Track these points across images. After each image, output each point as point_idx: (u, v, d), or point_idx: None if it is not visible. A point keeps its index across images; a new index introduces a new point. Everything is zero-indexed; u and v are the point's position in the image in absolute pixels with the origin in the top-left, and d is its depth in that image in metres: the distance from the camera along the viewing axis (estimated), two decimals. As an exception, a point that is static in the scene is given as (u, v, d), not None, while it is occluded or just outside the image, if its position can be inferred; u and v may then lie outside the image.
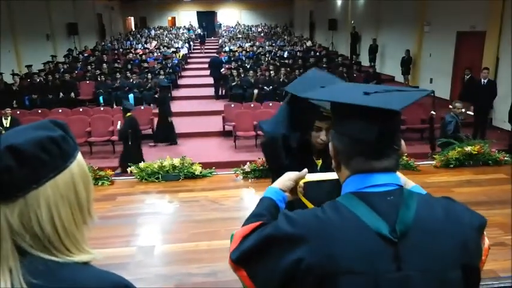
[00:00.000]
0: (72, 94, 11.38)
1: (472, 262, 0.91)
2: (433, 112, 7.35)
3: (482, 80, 8.57)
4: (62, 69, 13.40)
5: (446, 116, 6.89)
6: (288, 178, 1.23)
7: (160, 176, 5.30)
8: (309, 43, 21.08)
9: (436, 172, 4.65)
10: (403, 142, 0.98)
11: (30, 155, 0.76)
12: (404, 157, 5.33)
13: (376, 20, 16.23)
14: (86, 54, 17.23)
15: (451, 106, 7.07)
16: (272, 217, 1.06)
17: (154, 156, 6.14)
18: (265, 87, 11.38)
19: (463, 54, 11.15)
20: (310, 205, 1.24)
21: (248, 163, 5.72)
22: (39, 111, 9.46)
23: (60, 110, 9.40)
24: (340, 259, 0.85)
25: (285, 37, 24.20)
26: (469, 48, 10.83)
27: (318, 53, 17.22)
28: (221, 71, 13.30)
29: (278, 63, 13.98)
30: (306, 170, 1.27)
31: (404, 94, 0.98)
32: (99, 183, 5.37)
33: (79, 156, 0.86)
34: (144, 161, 5.44)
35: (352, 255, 0.85)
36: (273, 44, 20.68)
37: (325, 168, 1.86)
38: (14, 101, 10.58)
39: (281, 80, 11.68)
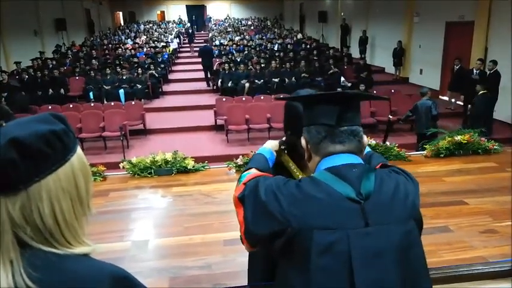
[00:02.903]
0: (62, 90, 11.26)
1: (418, 215, 1.12)
2: (390, 116, 7.98)
3: (475, 71, 8.63)
4: (51, 65, 13.23)
5: (425, 102, 7.01)
6: (276, 143, 1.56)
7: (153, 170, 5.29)
8: (299, 36, 21.04)
9: (426, 162, 4.70)
10: (365, 136, 1.17)
11: (33, 148, 0.76)
12: (395, 148, 5.38)
13: (366, 11, 16.25)
14: (74, 50, 17.02)
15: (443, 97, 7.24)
16: (265, 170, 1.36)
17: (147, 151, 6.12)
18: (256, 81, 11.36)
19: (452, 44, 11.22)
20: (290, 163, 1.53)
21: (241, 156, 5.73)
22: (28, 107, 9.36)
23: (49, 107, 9.29)
24: (316, 217, 1.02)
25: (275, 30, 24.12)
26: (458, 38, 10.91)
27: (308, 46, 17.21)
28: (212, 66, 13.33)
29: (268, 56, 13.96)
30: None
31: (362, 94, 1.37)
32: (92, 179, 5.35)
33: (78, 149, 0.86)
34: None
35: (326, 215, 1.02)
36: (263, 37, 20.62)
37: None
38: (3, 98, 10.45)
39: (272, 72, 11.68)
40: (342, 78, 11.54)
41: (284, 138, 1.57)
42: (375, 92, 9.92)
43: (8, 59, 14.47)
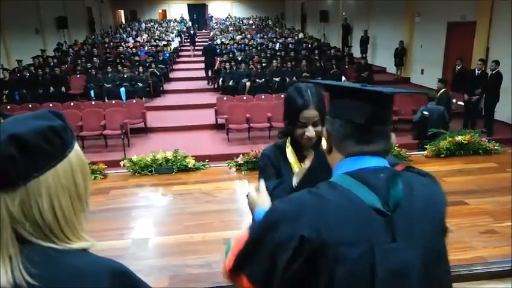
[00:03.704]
0: (63, 88, 11.26)
1: (446, 232, 1.02)
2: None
3: (476, 71, 8.62)
4: (52, 63, 13.23)
5: (437, 108, 6.80)
6: (264, 195, 1.42)
7: (153, 169, 5.30)
8: (300, 35, 21.03)
9: (427, 162, 4.70)
10: (393, 134, 1.04)
11: (33, 144, 0.77)
12: (395, 147, 5.38)
13: (367, 11, 16.23)
14: (76, 48, 17.02)
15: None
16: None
17: (147, 150, 6.12)
18: (257, 80, 11.36)
19: (454, 44, 11.21)
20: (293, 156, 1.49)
21: (241, 155, 5.72)
22: (30, 105, 9.37)
23: (51, 105, 9.29)
24: (337, 231, 0.88)
25: (277, 29, 24.10)
26: (459, 38, 10.90)
27: (309, 45, 17.19)
28: (215, 64, 13.37)
29: (269, 56, 13.96)
30: (261, 181, 1.49)
31: (396, 89, 1.08)
32: (92, 177, 5.36)
33: (76, 146, 0.87)
34: None
35: (348, 227, 0.88)
36: (265, 36, 20.61)
37: (318, 164, 1.74)
38: (4, 96, 10.47)
39: (273, 71, 11.68)
40: (343, 78, 11.53)
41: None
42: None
43: (10, 57, 14.49)
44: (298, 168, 1.76)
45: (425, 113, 6.66)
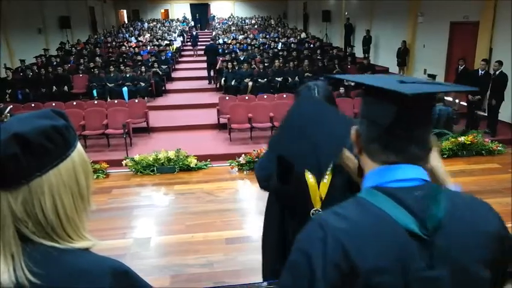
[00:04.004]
0: (66, 88, 11.28)
1: (499, 261, 0.85)
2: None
3: (480, 72, 8.59)
4: (55, 63, 13.26)
5: (445, 109, 6.73)
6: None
7: (155, 168, 5.31)
8: (303, 35, 21.01)
9: (429, 162, 4.69)
10: (433, 137, 0.94)
11: (36, 144, 0.77)
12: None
13: (370, 11, 16.21)
14: (78, 48, 17.06)
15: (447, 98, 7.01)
16: None
17: (150, 149, 6.13)
18: (259, 80, 11.36)
19: (457, 44, 11.18)
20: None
21: (243, 155, 5.72)
22: (33, 105, 9.38)
23: (53, 104, 9.30)
24: (367, 256, 0.78)
25: (279, 29, 24.09)
26: (462, 38, 10.86)
27: (312, 45, 17.18)
28: (216, 63, 13.36)
29: (272, 55, 13.95)
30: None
31: (433, 86, 0.94)
32: (95, 177, 5.38)
33: (79, 145, 0.87)
34: None
35: (380, 253, 0.78)
36: (267, 36, 20.60)
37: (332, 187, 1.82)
38: (7, 95, 10.50)
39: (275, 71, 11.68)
40: (346, 78, 11.52)
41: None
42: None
43: (13, 56, 14.53)
44: (313, 179, 1.80)
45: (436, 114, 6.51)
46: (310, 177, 1.83)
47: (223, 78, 11.68)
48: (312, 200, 1.85)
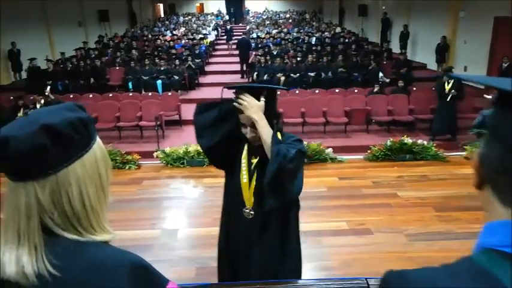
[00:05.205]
0: (102, 80, 11.60)
1: None
2: None
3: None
4: (93, 55, 13.66)
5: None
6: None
7: (185, 161, 5.36)
8: (338, 29, 20.65)
9: (466, 163, 4.51)
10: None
11: (65, 135, 0.79)
12: (433, 147, 5.17)
13: (408, 5, 15.70)
14: (116, 41, 17.49)
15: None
16: None
17: (181, 142, 6.21)
18: (291, 74, 11.27)
19: (501, 41, 10.64)
20: None
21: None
22: (71, 96, 9.71)
23: (90, 95, 9.61)
24: None
25: (314, 24, 23.79)
26: (507, 34, 10.32)
27: (346, 40, 16.86)
28: (249, 58, 13.37)
29: (305, 50, 13.79)
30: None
31: None
32: (126, 167, 5.51)
33: (98, 138, 0.89)
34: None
35: None
36: (301, 31, 20.39)
37: (260, 167, 1.93)
38: (48, 86, 10.91)
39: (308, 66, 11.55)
40: (380, 74, 11.24)
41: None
42: (414, 89, 9.57)
43: (54, 48, 15.09)
44: (245, 164, 1.97)
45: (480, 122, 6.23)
46: (243, 177, 1.96)
47: (255, 73, 11.66)
48: (245, 198, 1.96)
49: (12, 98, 8.88)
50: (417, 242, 3.53)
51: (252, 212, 1.96)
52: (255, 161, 1.97)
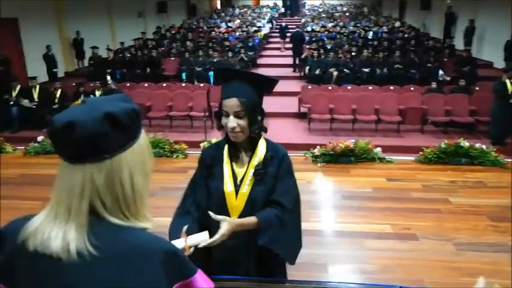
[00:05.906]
0: (158, 70, 11.97)
1: None
2: None
3: None
4: (150, 46, 14.13)
5: None
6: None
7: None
8: (397, 24, 19.82)
9: (530, 171, 4.16)
10: None
11: (124, 123, 0.85)
12: (492, 152, 4.83)
13: (476, -1, 14.71)
14: (173, 32, 17.96)
15: None
16: None
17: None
18: (345, 70, 10.98)
19: None
20: None
21: (318, 147, 5.58)
22: (128, 84, 10.13)
23: (146, 84, 9.97)
24: None
25: (372, 17, 23.01)
26: None
27: (406, 35, 16.13)
28: (302, 51, 13.20)
29: (361, 45, 13.37)
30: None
31: None
32: (174, 156, 5.66)
33: (143, 129, 0.95)
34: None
35: None
36: (358, 25, 19.80)
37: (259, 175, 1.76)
38: (108, 75, 11.46)
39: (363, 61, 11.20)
40: (441, 72, 10.66)
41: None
42: (477, 88, 8.98)
43: (114, 38, 15.79)
44: (228, 170, 1.76)
45: None
46: (228, 186, 1.75)
47: (307, 67, 11.50)
48: (229, 209, 1.75)
49: (74, 84, 9.40)
50: (466, 252, 3.33)
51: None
52: (240, 171, 1.77)
